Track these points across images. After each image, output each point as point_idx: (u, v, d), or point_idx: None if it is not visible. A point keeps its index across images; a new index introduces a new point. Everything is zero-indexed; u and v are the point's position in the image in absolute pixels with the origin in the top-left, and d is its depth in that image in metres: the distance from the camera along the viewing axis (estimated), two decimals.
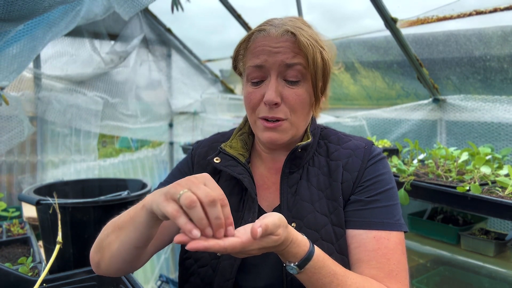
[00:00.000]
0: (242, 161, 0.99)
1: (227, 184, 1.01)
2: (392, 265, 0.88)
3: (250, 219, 0.94)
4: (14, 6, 1.10)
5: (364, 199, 0.93)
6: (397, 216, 0.93)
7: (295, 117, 0.94)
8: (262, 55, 0.91)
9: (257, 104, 0.94)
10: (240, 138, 1.06)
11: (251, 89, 0.95)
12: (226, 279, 0.91)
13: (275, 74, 0.91)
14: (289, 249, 0.77)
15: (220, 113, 3.71)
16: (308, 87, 0.94)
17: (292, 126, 0.95)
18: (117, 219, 0.89)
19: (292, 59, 0.90)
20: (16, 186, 2.73)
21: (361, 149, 0.99)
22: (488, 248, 1.89)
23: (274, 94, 0.90)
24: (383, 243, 0.89)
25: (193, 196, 0.65)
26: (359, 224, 0.92)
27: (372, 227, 0.91)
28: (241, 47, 0.98)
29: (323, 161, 1.00)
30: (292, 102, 0.92)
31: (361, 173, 0.96)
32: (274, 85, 0.91)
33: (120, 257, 0.86)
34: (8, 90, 2.47)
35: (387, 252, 0.88)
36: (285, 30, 0.91)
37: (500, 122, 2.18)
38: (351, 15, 2.72)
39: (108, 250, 0.87)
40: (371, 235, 0.90)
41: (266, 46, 0.91)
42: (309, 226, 0.92)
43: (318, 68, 0.91)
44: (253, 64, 0.93)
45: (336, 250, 0.91)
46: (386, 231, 0.90)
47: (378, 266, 0.88)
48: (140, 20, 3.15)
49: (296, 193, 0.96)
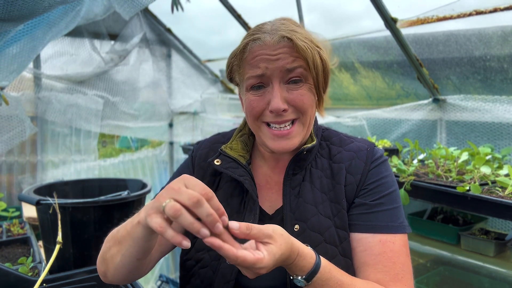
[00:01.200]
0: (243, 163, 0.99)
1: (228, 185, 1.01)
2: (397, 268, 0.89)
3: (251, 220, 0.93)
4: (14, 6, 1.10)
5: (369, 203, 0.94)
6: (401, 218, 0.95)
7: (305, 117, 0.94)
8: (262, 64, 0.90)
9: (260, 111, 0.93)
10: (240, 139, 1.06)
11: (253, 97, 0.93)
12: (227, 280, 0.91)
13: (277, 80, 0.91)
14: (297, 263, 0.77)
15: (220, 113, 3.71)
16: (311, 87, 0.93)
17: (303, 127, 0.94)
18: (116, 232, 0.88)
19: (292, 63, 0.90)
20: (16, 186, 2.73)
21: (363, 151, 0.99)
22: (488, 248, 1.89)
23: (280, 102, 0.89)
24: (388, 247, 0.90)
25: (176, 204, 0.64)
26: (365, 228, 0.92)
27: (378, 230, 0.91)
28: (235, 58, 0.96)
29: (325, 163, 1.00)
30: (300, 103, 0.92)
31: (365, 176, 0.96)
32: (279, 92, 0.90)
33: (124, 268, 0.86)
34: (8, 90, 2.47)
35: (393, 256, 0.89)
36: (281, 36, 0.89)
37: (500, 122, 2.18)
38: (350, 16, 2.73)
39: (112, 262, 0.87)
40: (377, 238, 0.91)
41: (264, 55, 0.90)
42: (313, 228, 0.92)
43: (319, 69, 0.91)
44: (254, 74, 0.91)
45: (340, 253, 0.91)
46: (391, 234, 0.91)
47: (384, 270, 0.89)
48: (140, 20, 3.15)
49: (299, 195, 0.96)
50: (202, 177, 1.03)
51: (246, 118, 1.00)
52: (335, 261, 0.89)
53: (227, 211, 0.97)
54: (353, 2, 2.65)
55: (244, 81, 0.95)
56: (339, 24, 2.75)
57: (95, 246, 1.60)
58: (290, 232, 0.92)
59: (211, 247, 0.65)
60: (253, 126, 0.97)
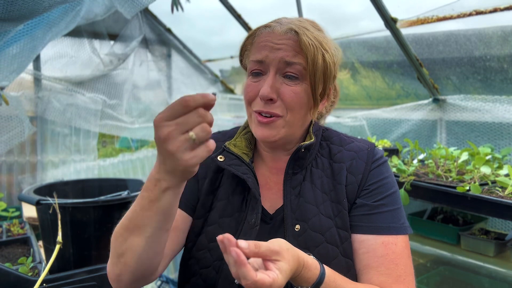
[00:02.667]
0: (246, 161, 0.98)
1: (230, 182, 1.00)
2: (400, 270, 0.89)
3: (253, 220, 0.93)
4: (14, 6, 1.10)
5: (371, 204, 0.94)
6: (402, 219, 0.95)
7: (290, 116, 0.92)
8: (264, 51, 0.91)
9: (253, 97, 0.94)
10: (244, 137, 1.05)
11: (249, 82, 0.95)
12: (231, 281, 0.90)
13: (273, 70, 0.91)
14: (303, 274, 0.76)
15: (220, 113, 3.72)
16: (307, 87, 0.92)
17: (286, 124, 0.93)
18: (126, 223, 0.81)
19: (292, 57, 0.89)
20: (16, 186, 2.73)
21: (364, 151, 0.99)
22: (488, 248, 1.89)
23: (269, 89, 0.89)
24: (391, 248, 0.90)
25: (205, 125, 0.65)
26: (367, 229, 0.92)
27: (380, 232, 0.91)
28: (247, 41, 0.98)
29: (326, 163, 0.99)
30: (289, 99, 0.91)
31: (366, 176, 0.96)
32: (271, 80, 0.90)
33: (149, 253, 0.81)
34: (8, 90, 2.47)
35: (395, 258, 0.90)
36: (289, 28, 0.91)
37: (500, 122, 2.19)
38: (349, 16, 2.73)
39: (132, 253, 0.81)
40: (379, 240, 0.91)
41: (269, 41, 0.91)
42: (314, 229, 0.92)
43: (318, 70, 0.90)
44: (254, 58, 0.93)
45: (341, 253, 0.91)
46: (393, 236, 0.91)
47: (387, 272, 0.89)
48: (140, 20, 3.15)
49: (300, 195, 0.95)
50: (205, 174, 1.03)
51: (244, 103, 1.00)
52: (336, 262, 0.89)
53: (229, 209, 0.97)
54: (352, 2, 2.66)
55: (248, 64, 0.97)
56: (338, 25, 2.76)
57: (95, 246, 1.60)
58: (291, 232, 0.91)
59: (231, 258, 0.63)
60: (247, 112, 0.98)
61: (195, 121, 0.65)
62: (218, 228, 0.95)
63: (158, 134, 0.66)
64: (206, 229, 0.96)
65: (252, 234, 0.91)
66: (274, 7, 2.96)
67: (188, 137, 0.65)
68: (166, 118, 0.65)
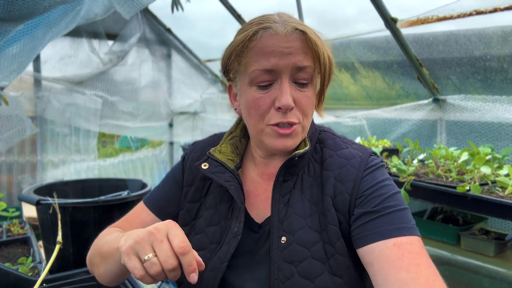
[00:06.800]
0: (231, 167, 0.93)
1: (218, 190, 0.96)
2: (424, 271, 0.72)
3: (236, 229, 0.89)
4: (14, 6, 1.10)
5: (371, 209, 0.82)
6: (412, 221, 0.81)
7: (305, 120, 0.88)
8: (272, 58, 0.82)
9: (267, 110, 0.85)
10: (230, 142, 1.00)
11: (258, 95, 0.85)
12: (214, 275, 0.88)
13: (286, 77, 0.84)
14: None
15: (220, 113, 3.72)
16: (314, 88, 0.89)
17: (302, 130, 0.89)
18: (102, 244, 0.91)
19: (303, 61, 0.83)
20: (16, 186, 2.73)
21: (357, 158, 0.90)
22: (488, 248, 1.89)
23: (290, 99, 0.83)
24: (406, 248, 0.75)
25: (158, 266, 0.68)
26: (374, 236, 0.78)
27: (389, 235, 0.77)
28: (240, 46, 0.87)
29: (318, 170, 0.92)
30: (304, 106, 0.86)
31: (358, 184, 0.86)
32: (288, 88, 0.83)
33: (109, 277, 0.90)
34: (7, 90, 2.47)
35: (414, 257, 0.74)
36: (294, 28, 0.83)
37: (500, 122, 2.19)
38: (345, 19, 2.75)
39: (97, 270, 0.92)
40: (390, 243, 0.76)
41: (276, 46, 0.82)
42: (300, 242, 0.85)
43: (327, 68, 0.86)
44: (261, 67, 0.83)
45: (328, 270, 0.82)
46: (405, 236, 0.77)
47: (411, 276, 0.71)
48: (139, 20, 3.15)
49: (289, 204, 0.89)
50: (192, 181, 1.00)
51: (247, 117, 0.91)
52: (321, 279, 0.81)
53: (216, 217, 0.95)
54: (348, 6, 2.67)
55: (247, 74, 0.86)
56: (336, 27, 2.77)
57: None
58: (276, 244, 0.85)
59: None
60: (256, 127, 0.88)
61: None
62: (204, 237, 0.93)
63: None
64: (193, 238, 0.95)
65: (233, 243, 0.87)
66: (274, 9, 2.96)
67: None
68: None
